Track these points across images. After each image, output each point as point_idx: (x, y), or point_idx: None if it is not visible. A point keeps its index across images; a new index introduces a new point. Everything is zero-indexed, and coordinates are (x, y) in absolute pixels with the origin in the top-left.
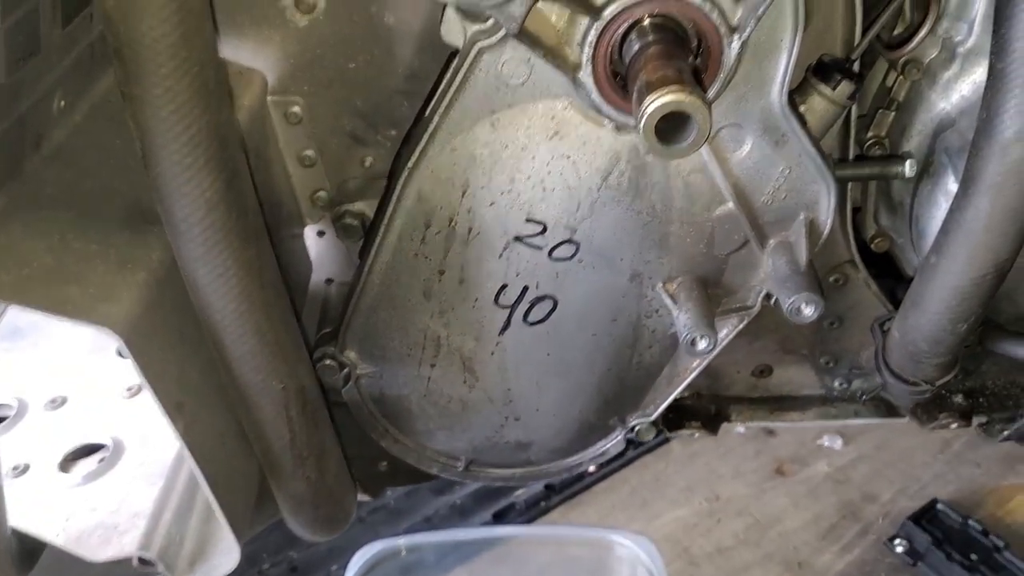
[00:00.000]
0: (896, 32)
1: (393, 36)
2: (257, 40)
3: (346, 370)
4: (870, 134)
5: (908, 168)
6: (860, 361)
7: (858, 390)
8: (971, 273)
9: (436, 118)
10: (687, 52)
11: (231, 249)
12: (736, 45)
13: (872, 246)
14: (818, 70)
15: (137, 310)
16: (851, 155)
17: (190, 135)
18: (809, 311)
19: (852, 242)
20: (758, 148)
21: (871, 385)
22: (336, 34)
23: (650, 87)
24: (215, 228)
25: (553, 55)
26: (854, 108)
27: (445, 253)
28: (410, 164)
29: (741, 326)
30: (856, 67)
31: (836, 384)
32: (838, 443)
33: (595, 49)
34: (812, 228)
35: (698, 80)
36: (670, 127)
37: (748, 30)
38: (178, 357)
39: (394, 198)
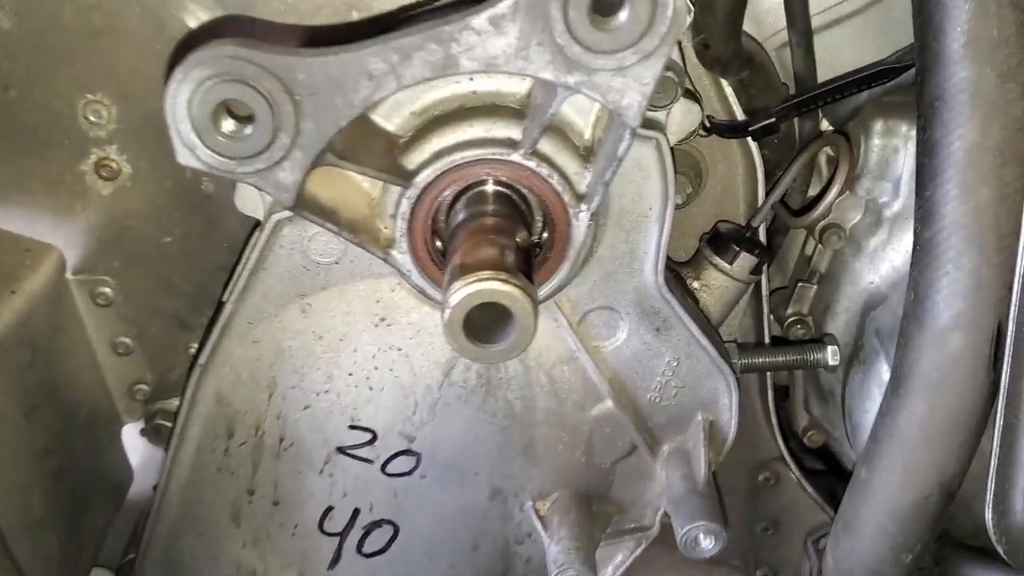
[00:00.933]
0: (812, 194)
1: (214, 205)
2: (53, 210)
3: None
4: (790, 310)
5: (830, 356)
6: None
7: None
8: (911, 493)
9: (231, 304)
10: (523, 226)
11: None
12: (584, 217)
13: (805, 440)
14: (713, 241)
15: None
16: (767, 337)
17: None
18: (707, 543)
19: (779, 436)
20: (636, 335)
21: None
22: (147, 203)
23: (461, 271)
24: None
25: (358, 229)
26: (765, 282)
27: (254, 468)
28: (202, 360)
29: (639, 550)
30: (762, 235)
31: None
32: None
33: (411, 222)
34: (714, 431)
35: (527, 260)
36: (491, 321)
37: (596, 199)
38: None
39: (186, 402)
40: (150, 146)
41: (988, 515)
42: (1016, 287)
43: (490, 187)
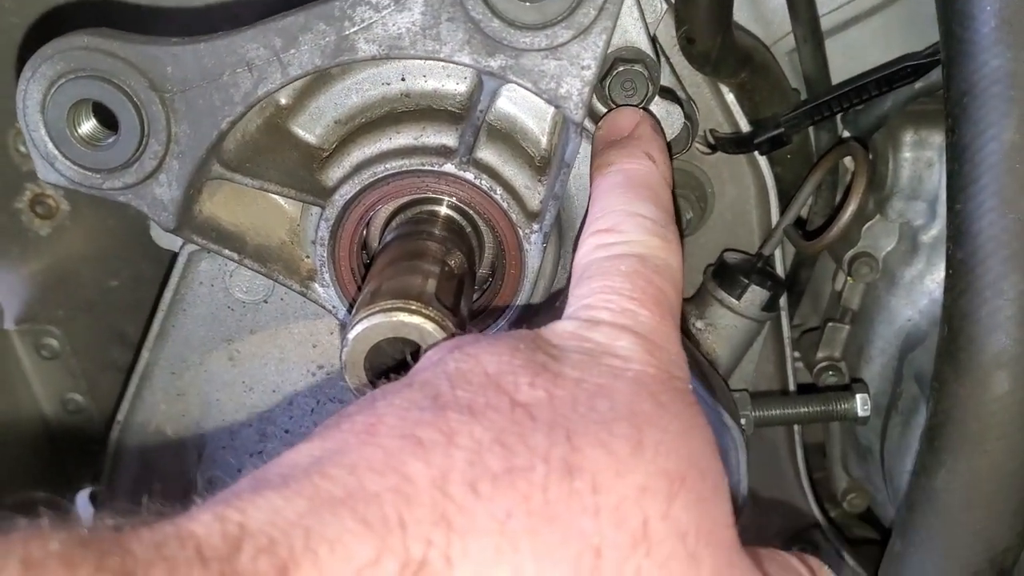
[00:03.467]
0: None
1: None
2: None
3: None
4: (820, 354)
5: (860, 406)
6: None
7: None
8: (954, 571)
9: (147, 351)
10: (460, 250)
11: None
12: (538, 239)
13: (845, 505)
14: (719, 273)
15: None
16: (792, 385)
17: None
18: None
19: (812, 500)
20: None
21: None
22: (89, 243)
23: (371, 299)
24: None
25: (271, 258)
26: (785, 322)
27: None
28: (120, 416)
29: None
30: (779, 267)
31: None
32: None
33: (332, 248)
34: None
35: (458, 289)
36: (407, 355)
37: (548, 216)
38: None
39: (109, 462)
40: None
41: None
42: None
43: (426, 206)
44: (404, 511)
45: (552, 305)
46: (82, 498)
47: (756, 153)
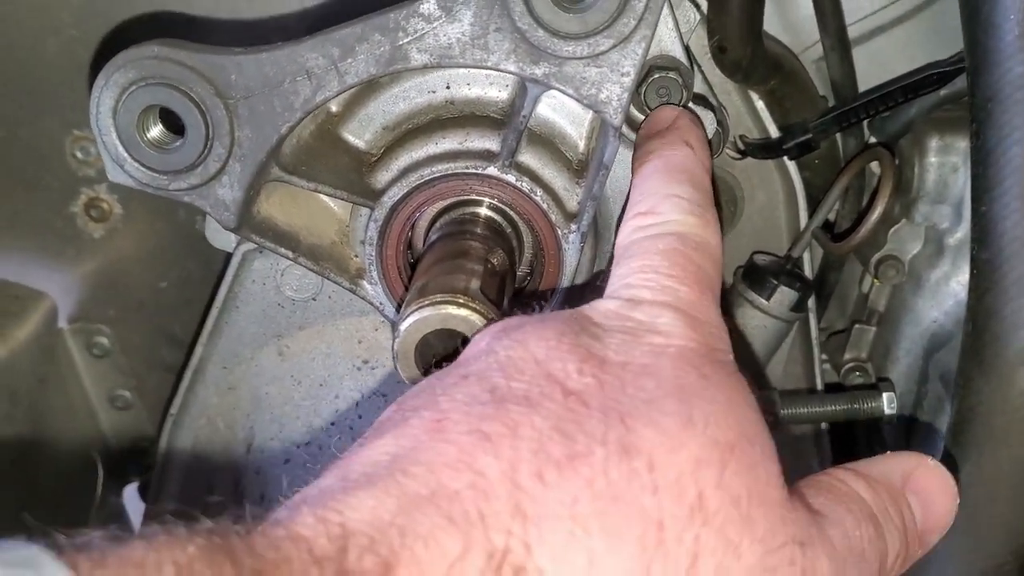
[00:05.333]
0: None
1: (210, 245)
2: (44, 256)
3: None
4: (847, 356)
5: (886, 404)
6: None
7: None
8: (979, 563)
9: (201, 347)
10: (502, 248)
11: None
12: (576, 239)
13: None
14: (748, 275)
15: None
16: (820, 385)
17: None
18: None
19: None
20: None
21: None
22: (140, 246)
23: (420, 295)
24: None
25: (323, 256)
26: (814, 323)
27: None
28: (174, 410)
29: None
30: (808, 269)
31: None
32: None
33: (380, 248)
34: None
35: (500, 285)
36: (456, 347)
37: (587, 217)
38: None
39: (161, 456)
40: None
41: None
42: None
43: (469, 207)
44: (483, 505)
45: (594, 284)
46: (130, 491)
47: (785, 158)
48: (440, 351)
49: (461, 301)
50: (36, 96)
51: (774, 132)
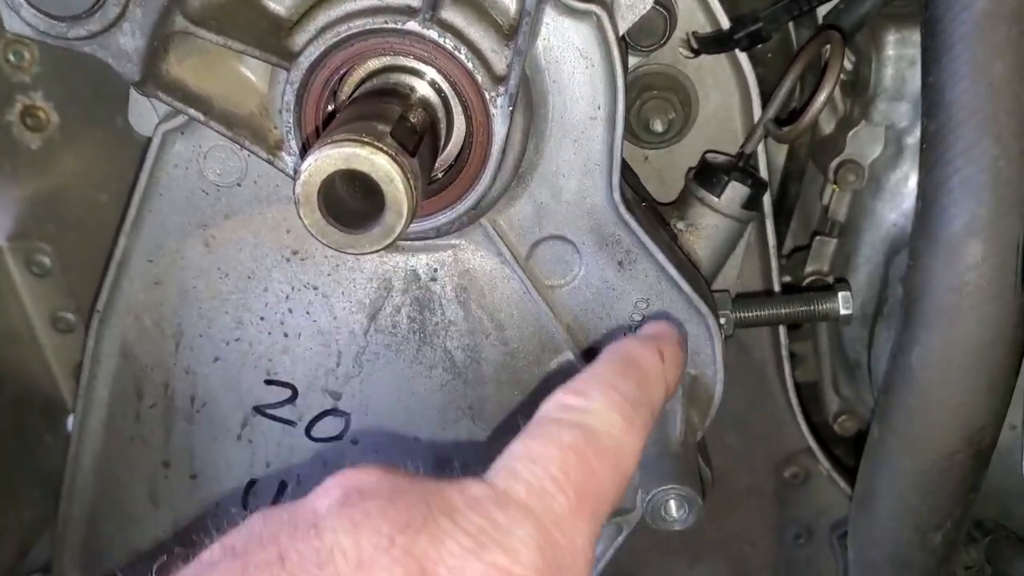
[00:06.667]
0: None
1: None
2: None
3: None
4: (808, 269)
5: (841, 304)
6: None
7: None
8: (932, 452)
9: (124, 237)
10: (431, 114)
11: None
12: (504, 103)
13: (836, 427)
14: (700, 174)
15: None
16: (777, 286)
17: None
18: (680, 512)
19: (802, 421)
20: (596, 272)
21: None
22: (78, 157)
23: (323, 139)
24: None
25: (237, 124)
26: (770, 227)
27: (167, 435)
28: (100, 305)
29: (621, 539)
30: (760, 168)
31: None
32: None
33: (298, 115)
34: (697, 389)
35: (418, 141)
36: (367, 207)
37: (514, 77)
38: None
39: (89, 357)
40: (78, 90)
41: None
42: None
43: (393, 74)
44: None
45: (514, 424)
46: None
47: (737, 52)
48: (350, 203)
49: (366, 140)
50: None
51: (726, 24)
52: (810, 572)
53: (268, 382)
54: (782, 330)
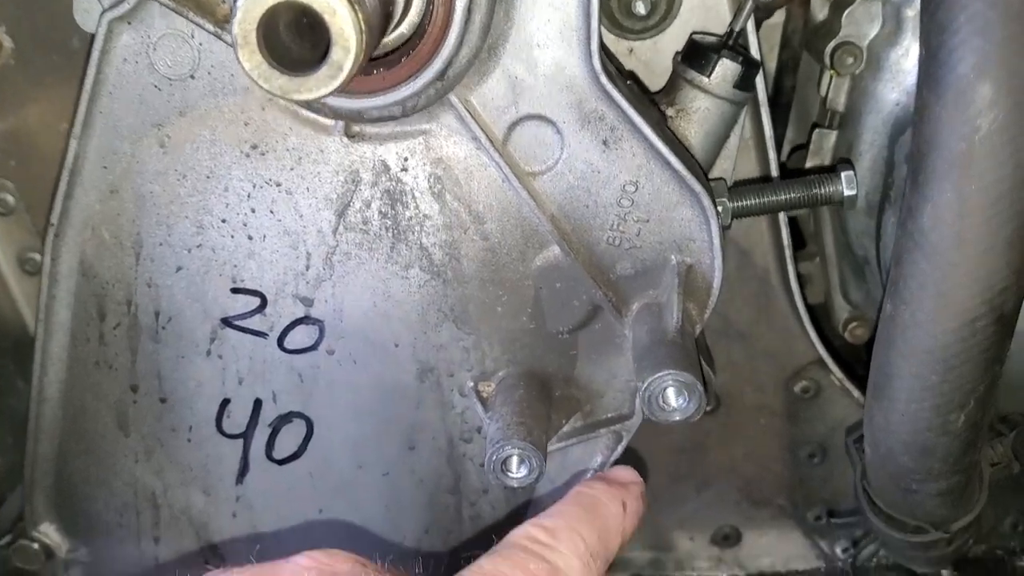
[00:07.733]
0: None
1: None
2: None
3: (51, 555)
4: (809, 163)
5: (845, 185)
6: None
7: (872, 558)
8: (949, 320)
9: (75, 141)
10: None
11: None
12: None
13: (847, 335)
14: (688, 55)
15: None
16: (775, 171)
17: None
18: (679, 400)
19: (811, 330)
20: (579, 154)
21: None
22: (35, 84)
23: None
24: None
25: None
26: (766, 116)
27: (133, 356)
28: (54, 219)
29: (621, 447)
30: (751, 48)
31: (838, 551)
32: None
33: None
34: (694, 279)
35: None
36: (316, 57)
37: None
38: None
39: (47, 276)
40: (31, 12)
41: None
42: None
43: None
44: None
45: (489, 537)
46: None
47: None
48: (295, 51)
49: None
50: None
51: None
52: (826, 492)
53: (235, 290)
54: (784, 230)
